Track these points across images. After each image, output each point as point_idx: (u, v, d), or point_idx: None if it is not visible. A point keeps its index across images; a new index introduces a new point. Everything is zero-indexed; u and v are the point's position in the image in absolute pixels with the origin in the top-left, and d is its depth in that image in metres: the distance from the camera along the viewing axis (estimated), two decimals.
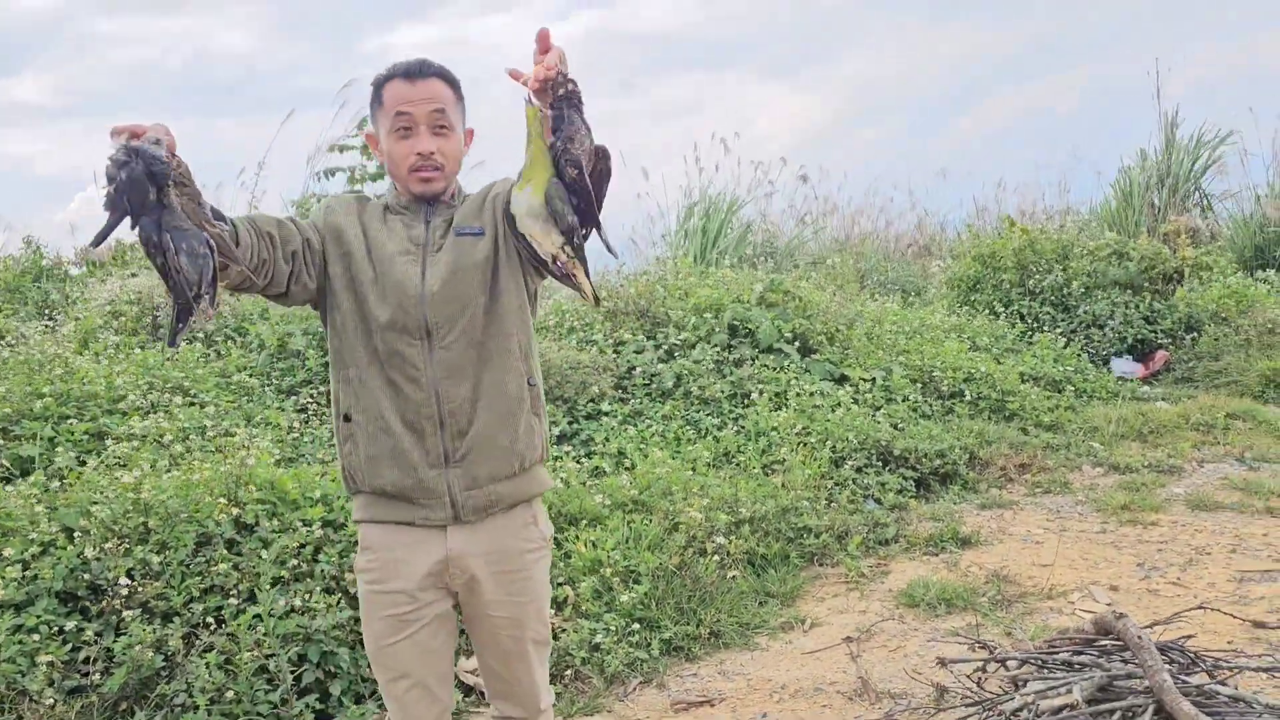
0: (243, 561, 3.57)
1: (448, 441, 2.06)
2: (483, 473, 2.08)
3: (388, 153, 2.08)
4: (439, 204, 2.12)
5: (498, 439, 2.08)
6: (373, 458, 2.06)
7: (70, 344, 6.32)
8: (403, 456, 2.05)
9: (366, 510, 2.13)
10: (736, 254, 10.90)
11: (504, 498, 2.11)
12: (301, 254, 2.01)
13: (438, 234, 2.10)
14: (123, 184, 1.60)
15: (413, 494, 2.06)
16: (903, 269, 12.68)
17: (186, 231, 1.67)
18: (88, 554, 3.40)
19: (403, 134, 2.03)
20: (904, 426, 5.87)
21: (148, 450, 4.36)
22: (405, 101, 2.01)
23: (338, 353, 2.11)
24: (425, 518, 2.08)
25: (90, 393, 5.03)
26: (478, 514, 2.09)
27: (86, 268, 9.76)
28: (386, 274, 2.06)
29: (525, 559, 2.16)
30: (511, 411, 2.10)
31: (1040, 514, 5.04)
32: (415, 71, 2.02)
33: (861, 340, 7.03)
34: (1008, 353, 7.87)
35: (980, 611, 3.84)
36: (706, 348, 6.40)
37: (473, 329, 2.06)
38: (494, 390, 2.08)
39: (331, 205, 2.14)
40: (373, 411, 2.06)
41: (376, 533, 2.12)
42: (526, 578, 2.17)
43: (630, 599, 3.78)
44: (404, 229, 2.11)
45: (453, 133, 2.06)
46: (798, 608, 4.05)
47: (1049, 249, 9.21)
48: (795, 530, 4.57)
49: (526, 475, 2.15)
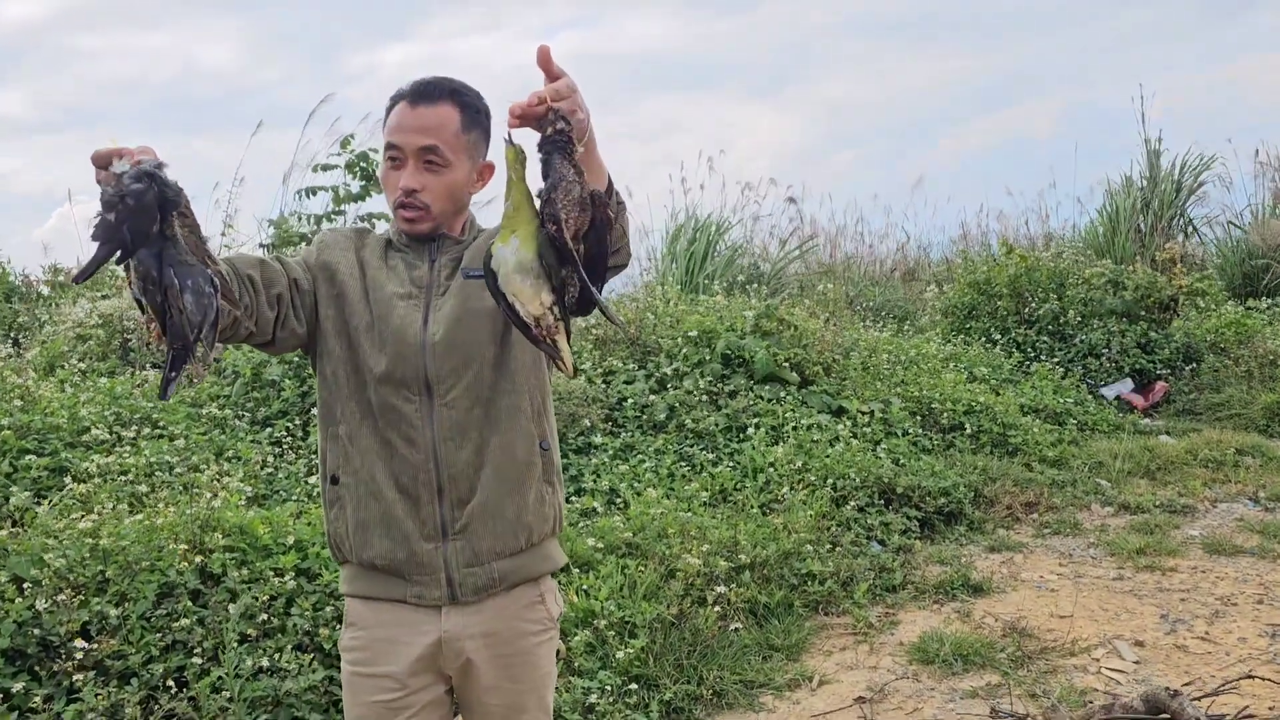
0: (208, 615, 3.29)
1: (446, 511, 1.81)
2: (485, 547, 1.83)
3: (382, 181, 1.88)
4: (445, 241, 1.88)
5: (503, 510, 1.83)
6: (362, 525, 1.82)
7: (33, 370, 6.02)
8: (395, 526, 1.81)
9: (354, 584, 1.89)
10: (724, 278, 10.70)
11: (507, 576, 1.86)
12: (288, 297, 1.77)
13: (443, 275, 1.86)
14: (125, 211, 1.37)
15: (405, 569, 1.82)
16: (890, 294, 12.53)
17: (192, 267, 1.45)
18: (39, 606, 3.12)
19: (392, 164, 1.82)
20: (905, 462, 5.66)
21: (109, 490, 4.08)
22: (397, 130, 1.80)
23: (327, 406, 1.87)
24: (418, 596, 1.83)
25: (52, 425, 4.75)
26: (477, 594, 1.84)
27: (55, 289, 9.44)
28: (384, 319, 1.82)
29: (528, 642, 1.90)
30: (520, 479, 1.85)
31: (1052, 558, 4.82)
32: (421, 95, 1.80)
33: (858, 370, 6.83)
34: (1006, 383, 7.69)
35: (1000, 670, 3.61)
36: (699, 378, 6.17)
37: (479, 385, 1.82)
38: (501, 454, 1.83)
39: (326, 240, 1.92)
40: (363, 474, 1.82)
41: (364, 609, 1.87)
42: (528, 663, 1.90)
43: (627, 656, 3.53)
44: (406, 269, 1.87)
45: (448, 169, 1.81)
46: (804, 663, 3.80)
47: (1045, 276, 9.06)
48: (799, 576, 4.33)
49: (535, 551, 1.89)
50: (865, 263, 14.57)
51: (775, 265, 12.65)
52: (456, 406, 1.80)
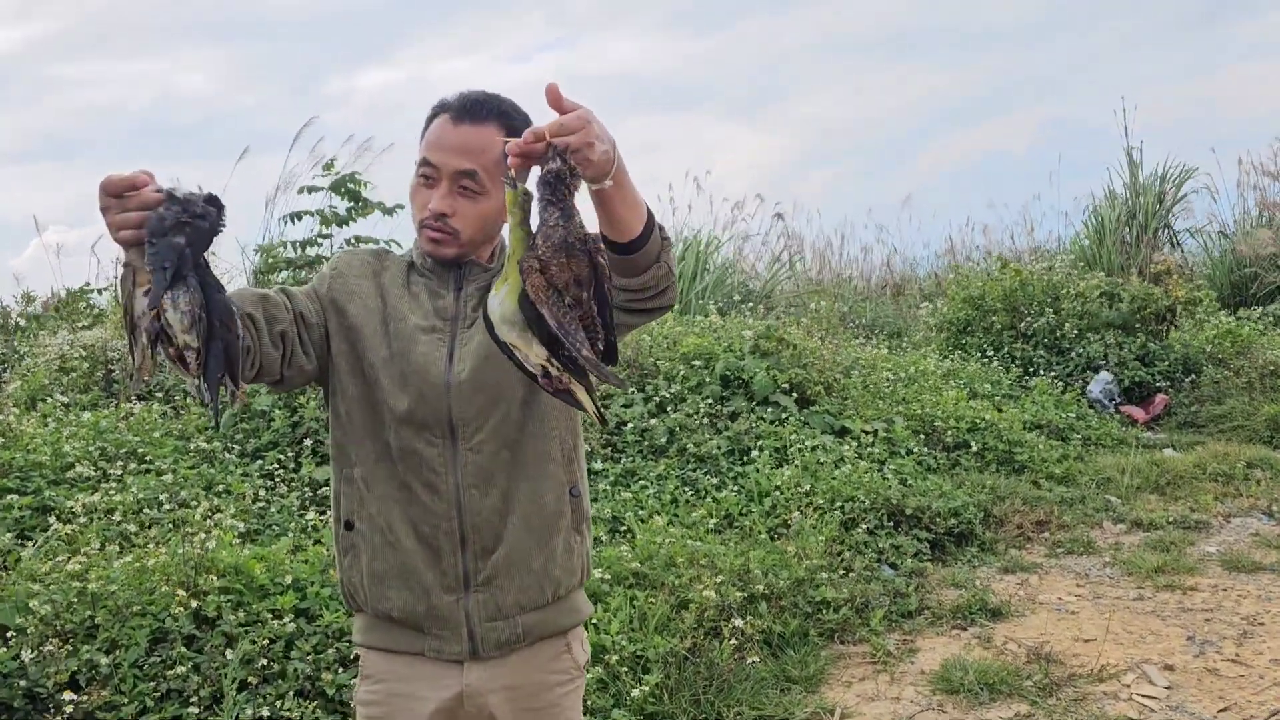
0: (204, 661, 3.14)
1: (469, 562, 1.68)
2: (509, 601, 1.70)
3: (410, 195, 1.74)
4: (473, 268, 1.74)
5: (530, 561, 1.70)
6: (377, 575, 1.69)
7: (13, 405, 5.84)
8: (414, 577, 1.68)
9: (368, 634, 1.76)
10: (716, 295, 10.61)
11: (532, 631, 1.73)
12: (293, 333, 1.63)
13: (469, 306, 1.72)
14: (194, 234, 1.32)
15: (423, 622, 1.69)
16: (881, 310, 12.47)
17: (224, 293, 1.40)
18: (24, 657, 2.96)
19: (425, 181, 1.68)
20: (912, 482, 5.55)
21: (95, 529, 3.92)
22: (436, 146, 1.66)
23: (340, 447, 1.73)
24: (437, 650, 1.70)
25: (34, 462, 4.58)
26: (500, 650, 1.71)
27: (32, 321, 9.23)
28: (405, 355, 1.68)
29: (554, 694, 1.77)
30: (548, 528, 1.71)
31: (1068, 579, 4.71)
32: (466, 111, 1.66)
33: (859, 390, 6.72)
34: (1006, 399, 7.60)
35: (1028, 699, 3.49)
36: (698, 400, 6.05)
37: (506, 427, 1.68)
38: (528, 503, 1.70)
39: (341, 268, 1.77)
40: (379, 521, 1.68)
41: (380, 661, 1.74)
42: (554, 716, 1.77)
43: (641, 694, 3.39)
44: (430, 297, 1.73)
45: (484, 197, 1.66)
46: (823, 695, 3.67)
47: (1039, 290, 9.00)
48: (812, 604, 4.20)
49: (561, 604, 1.76)
50: (855, 279, 14.52)
51: (766, 284, 12.59)
52: (482, 451, 1.67)
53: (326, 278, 1.76)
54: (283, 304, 1.63)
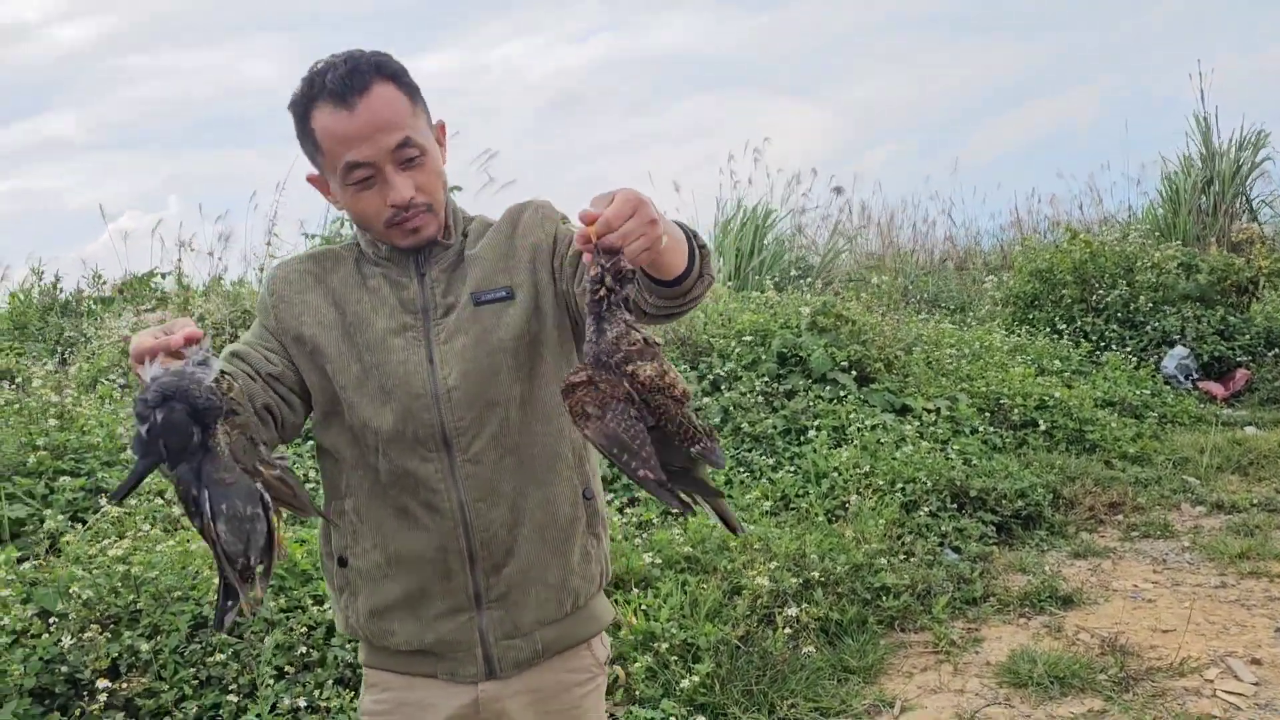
0: (243, 648, 3.08)
1: (480, 579, 1.54)
2: (527, 619, 1.57)
3: (348, 208, 1.51)
4: (433, 247, 1.56)
5: (546, 575, 1.56)
6: (377, 611, 1.56)
7: (72, 386, 5.89)
8: (419, 606, 1.54)
9: (374, 657, 1.63)
10: (773, 270, 10.39)
11: (551, 646, 1.60)
12: (274, 399, 1.50)
13: (438, 292, 1.55)
14: (158, 427, 1.17)
15: (433, 649, 1.56)
16: (943, 284, 12.13)
17: (231, 486, 1.24)
18: (65, 643, 2.93)
19: (363, 185, 1.46)
20: (976, 462, 5.32)
21: (143, 512, 3.90)
22: (351, 144, 1.43)
23: (330, 479, 1.59)
24: (451, 673, 1.57)
25: (89, 444, 4.59)
26: (518, 668, 1.58)
27: (99, 303, 9.40)
28: (381, 366, 1.51)
29: (574, 695, 1.65)
30: (564, 537, 1.57)
31: (1144, 564, 4.47)
32: (348, 88, 1.42)
33: (921, 367, 6.49)
34: (1076, 375, 7.30)
35: (1103, 693, 3.29)
36: (754, 378, 5.89)
37: (507, 432, 1.53)
38: (540, 511, 1.55)
39: (279, 289, 1.57)
40: (376, 555, 1.55)
41: (388, 676, 1.62)
42: (576, 718, 1.66)
43: (691, 683, 3.26)
44: (392, 290, 1.55)
45: (427, 155, 1.48)
46: (883, 686, 3.51)
47: (1111, 261, 8.63)
48: (871, 591, 4.03)
49: (581, 614, 1.63)
50: (917, 253, 14.15)
51: (825, 257, 12.31)
52: (483, 461, 1.52)
53: (269, 307, 1.57)
54: (250, 374, 1.48)
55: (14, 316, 8.58)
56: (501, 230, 1.59)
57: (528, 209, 1.61)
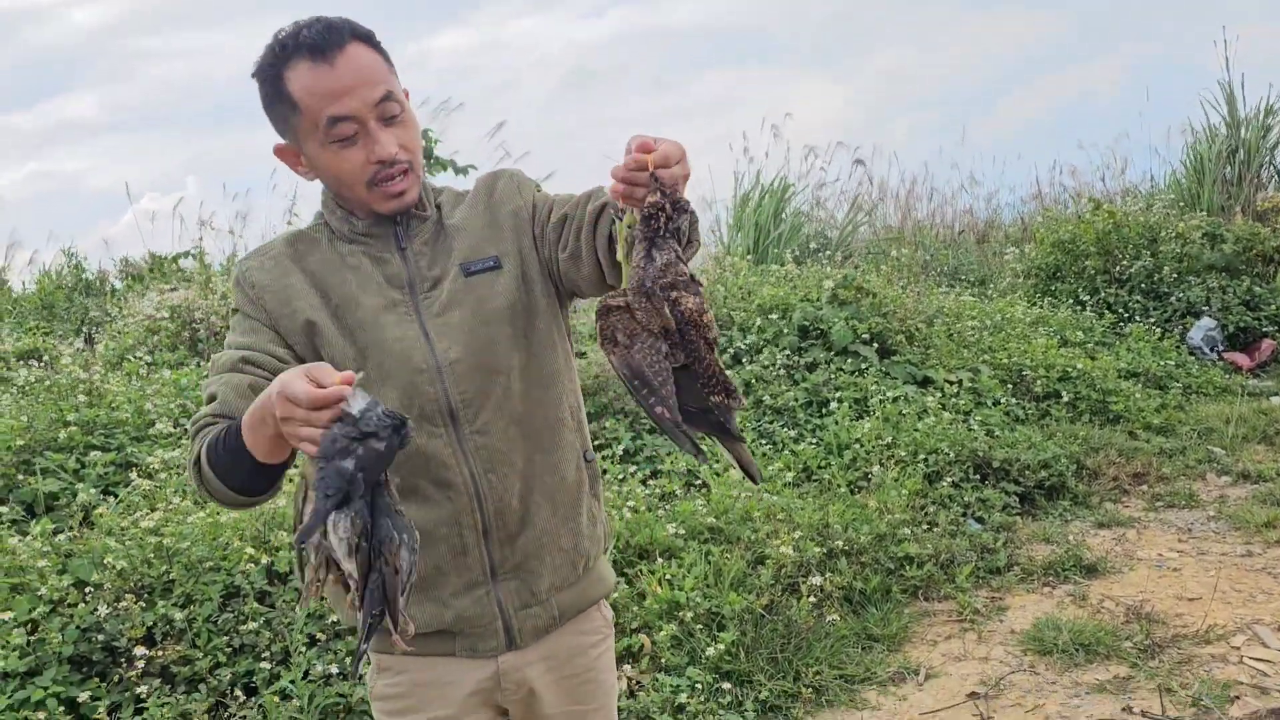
0: (275, 617, 3.13)
1: (494, 550, 1.54)
2: (543, 585, 1.58)
3: (326, 170, 1.47)
4: (411, 220, 1.54)
5: (559, 540, 1.58)
6: None
7: (99, 365, 5.96)
8: (435, 586, 1.52)
9: (381, 641, 1.56)
10: (791, 245, 10.35)
11: (566, 611, 1.62)
12: None
13: (423, 264, 1.53)
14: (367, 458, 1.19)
15: (453, 627, 1.55)
16: (964, 257, 12.04)
17: (401, 516, 1.27)
18: (101, 612, 2.99)
19: (345, 143, 1.43)
20: (999, 434, 5.31)
21: (174, 485, 3.95)
22: (333, 97, 1.39)
23: None
24: (470, 649, 1.57)
25: (118, 419, 4.65)
26: (537, 637, 1.59)
27: (126, 281, 9.51)
28: (378, 344, 1.48)
29: (589, 656, 1.67)
30: (573, 502, 1.59)
31: (1169, 533, 4.46)
32: (325, 44, 1.39)
33: (942, 339, 6.46)
34: (1100, 347, 7.26)
35: (1128, 660, 3.29)
36: (775, 351, 5.89)
37: (510, 401, 1.52)
38: (549, 477, 1.56)
39: (254, 279, 1.51)
40: None
41: (403, 658, 1.56)
42: (591, 679, 1.68)
43: (716, 651, 3.29)
44: (375, 266, 1.52)
45: (405, 112, 1.47)
46: (907, 654, 3.53)
47: (1135, 232, 8.54)
48: (895, 560, 4.04)
49: (590, 575, 1.66)
50: (936, 226, 14.04)
51: (843, 231, 12.24)
52: (489, 431, 1.51)
53: (254, 300, 1.50)
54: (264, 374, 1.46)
55: (42, 297, 8.67)
56: (478, 200, 1.59)
57: (501, 177, 1.61)
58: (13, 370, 6.06)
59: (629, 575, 3.71)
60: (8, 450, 4.10)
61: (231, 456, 1.34)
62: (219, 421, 1.41)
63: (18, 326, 7.92)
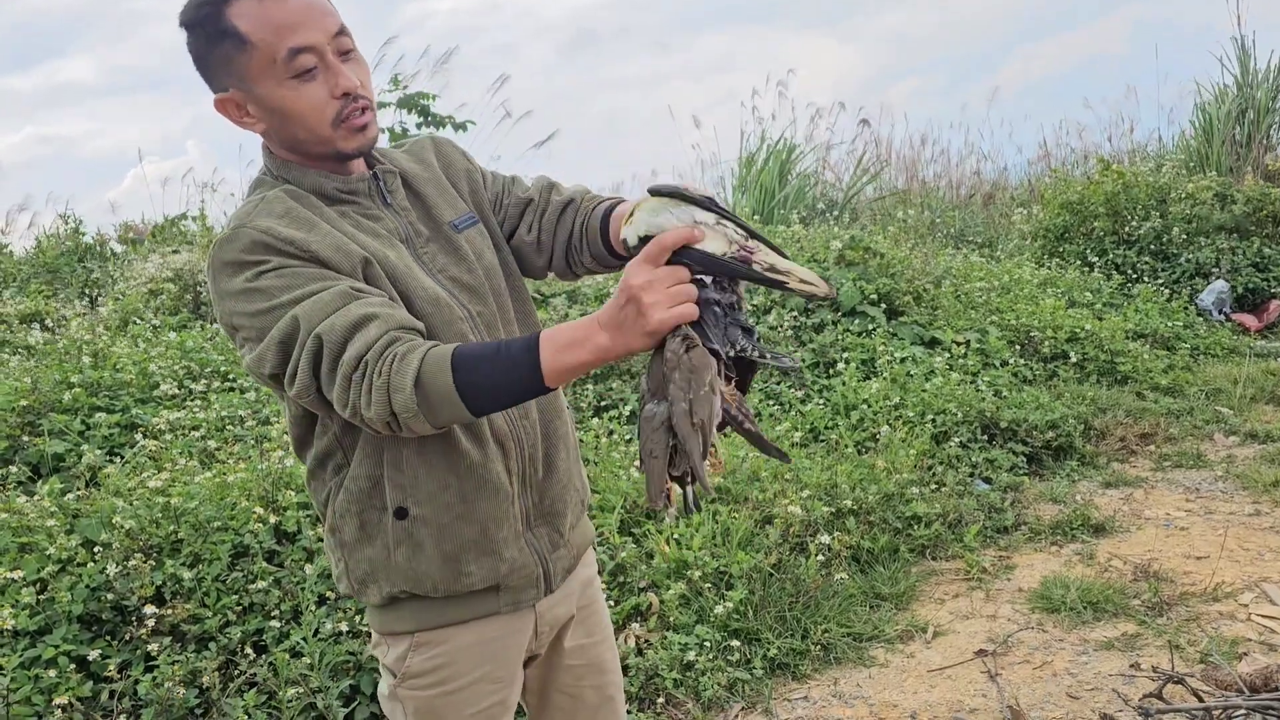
0: (284, 576, 3.13)
1: (530, 497, 1.54)
2: (565, 526, 1.60)
3: (285, 110, 1.37)
4: (383, 173, 1.50)
5: (574, 481, 1.62)
6: (450, 557, 1.46)
7: (104, 327, 5.94)
8: (491, 540, 1.48)
9: (424, 616, 1.51)
10: (798, 206, 10.28)
11: (580, 548, 1.67)
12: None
13: (412, 219, 1.50)
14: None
15: (503, 581, 1.52)
16: (970, 219, 11.95)
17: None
18: (110, 571, 2.99)
19: (306, 76, 1.35)
20: (1007, 394, 5.29)
21: (180, 446, 3.95)
22: (290, 27, 1.32)
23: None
24: (513, 603, 1.55)
25: (122, 381, 4.64)
26: (563, 577, 1.61)
27: (129, 246, 9.47)
28: (415, 293, 1.42)
29: (594, 586, 1.74)
30: (575, 444, 1.64)
31: (1177, 493, 4.45)
32: None
33: (950, 300, 6.43)
34: (1107, 308, 7.22)
35: (1136, 618, 3.29)
36: (782, 312, 5.85)
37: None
38: (558, 422, 1.59)
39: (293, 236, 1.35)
40: (445, 496, 1.44)
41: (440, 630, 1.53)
42: (598, 610, 1.73)
43: (725, 610, 3.29)
44: (370, 223, 1.46)
45: (358, 51, 1.41)
46: (915, 612, 3.53)
47: (1144, 193, 8.47)
48: (902, 520, 4.04)
49: (587, 513, 1.72)
50: (942, 187, 13.93)
51: (849, 192, 12.15)
52: None
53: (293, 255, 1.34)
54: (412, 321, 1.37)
55: (45, 261, 8.63)
56: (428, 161, 1.58)
57: (441, 142, 1.64)
58: (15, 333, 6.06)
59: (636, 535, 3.71)
60: (12, 412, 4.09)
61: (506, 376, 1.26)
62: (406, 337, 1.28)
63: (19, 290, 7.90)
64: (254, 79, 1.35)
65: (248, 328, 1.33)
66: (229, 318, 1.35)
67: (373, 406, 1.25)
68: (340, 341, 1.26)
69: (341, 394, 1.27)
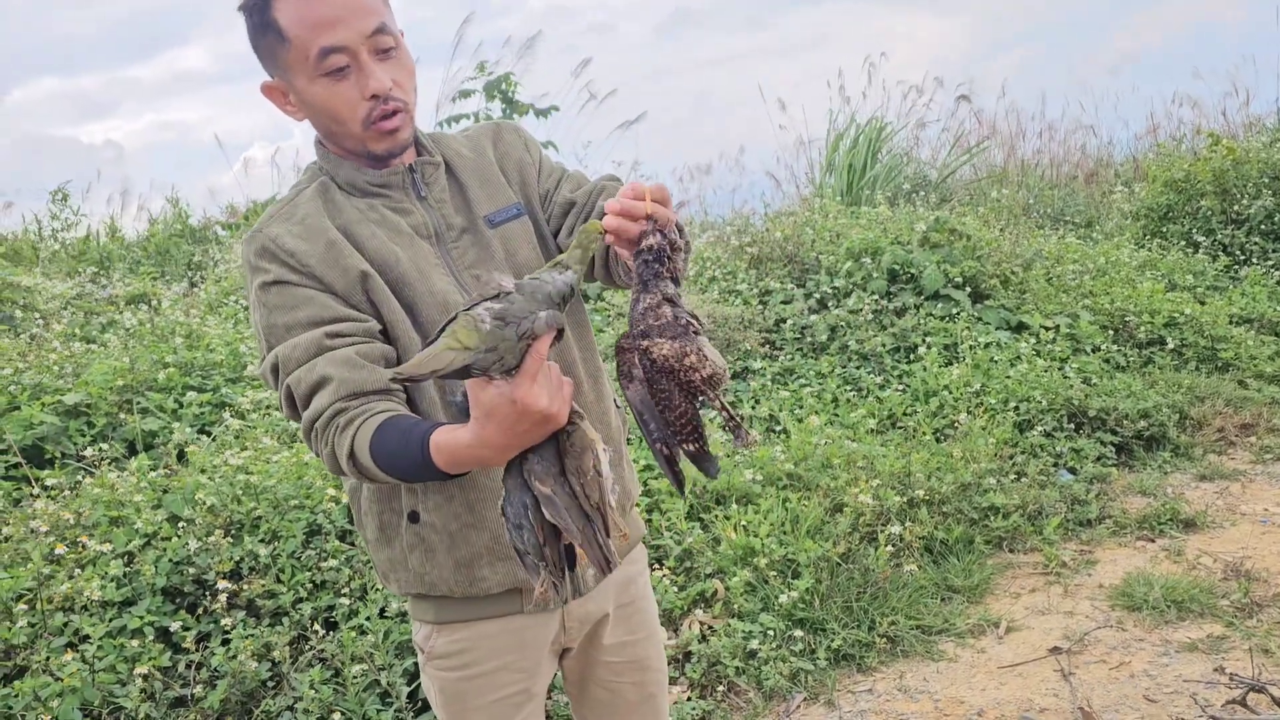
0: (355, 555, 3.21)
1: None
2: None
3: (319, 107, 1.39)
4: (424, 166, 1.49)
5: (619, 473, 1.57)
6: (463, 564, 1.47)
7: (199, 309, 6.17)
8: (505, 546, 1.46)
9: (447, 611, 1.53)
10: (887, 186, 10.05)
11: (621, 551, 1.62)
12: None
13: (446, 213, 1.48)
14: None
15: (524, 584, 1.51)
16: (1070, 198, 11.53)
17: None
18: (192, 546, 3.11)
19: (338, 75, 1.36)
20: (1096, 382, 5.10)
21: (263, 426, 4.08)
22: (325, 27, 1.33)
23: None
24: (542, 604, 1.52)
25: (214, 361, 4.82)
26: (598, 580, 1.58)
27: (229, 229, 9.80)
28: (424, 298, 1.41)
29: (639, 583, 1.69)
30: (620, 445, 1.60)
31: (1276, 487, 4.24)
32: None
33: (1040, 283, 6.21)
34: (1211, 291, 6.89)
35: (1223, 619, 3.15)
36: (863, 296, 5.75)
37: (566, 348, 1.54)
38: (600, 425, 1.55)
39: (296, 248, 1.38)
40: (452, 505, 1.45)
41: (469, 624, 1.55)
42: (642, 608, 1.70)
43: (790, 599, 3.26)
44: (399, 217, 1.46)
45: (399, 48, 1.40)
46: (988, 606, 3.44)
47: (1257, 170, 8.03)
48: (979, 510, 3.94)
49: (634, 514, 1.69)
50: (1044, 165, 13.45)
51: (943, 171, 11.84)
52: None
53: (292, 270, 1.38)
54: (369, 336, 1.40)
55: (155, 243, 8.99)
56: (482, 148, 1.56)
57: (506, 130, 1.60)
58: (121, 314, 6.34)
59: (704, 520, 3.70)
60: (111, 390, 4.28)
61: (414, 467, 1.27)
62: (352, 407, 1.32)
63: (129, 272, 8.25)
64: (292, 72, 1.39)
65: (255, 334, 1.43)
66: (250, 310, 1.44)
67: (325, 464, 1.36)
68: (304, 397, 1.35)
69: (305, 441, 1.38)
